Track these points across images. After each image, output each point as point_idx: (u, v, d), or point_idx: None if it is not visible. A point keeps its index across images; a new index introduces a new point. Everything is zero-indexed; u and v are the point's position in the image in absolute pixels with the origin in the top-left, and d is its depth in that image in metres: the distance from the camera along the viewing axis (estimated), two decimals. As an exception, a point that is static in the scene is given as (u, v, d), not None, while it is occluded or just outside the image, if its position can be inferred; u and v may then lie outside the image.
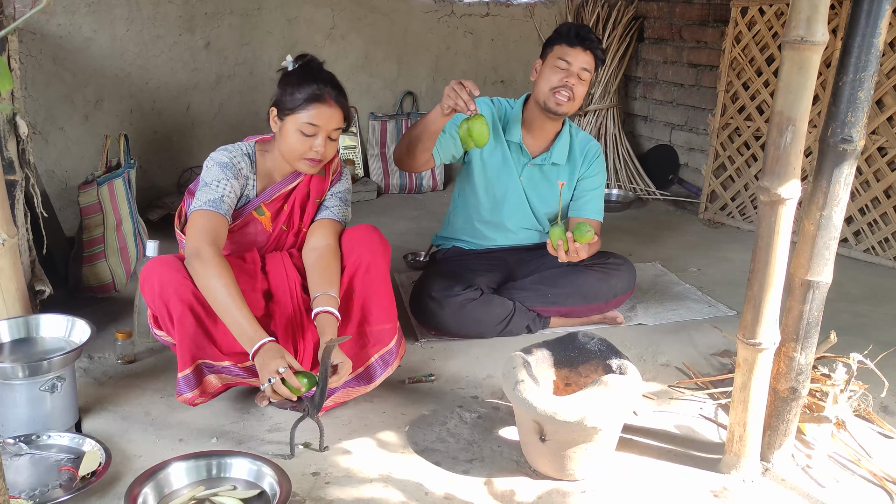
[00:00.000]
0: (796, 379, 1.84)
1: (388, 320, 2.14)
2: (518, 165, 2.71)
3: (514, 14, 4.76)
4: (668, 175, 4.72)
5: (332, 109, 2.04)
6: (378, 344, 2.13)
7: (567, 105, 2.56)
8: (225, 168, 2.07)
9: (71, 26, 3.61)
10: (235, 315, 1.88)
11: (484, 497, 1.79)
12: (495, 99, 2.72)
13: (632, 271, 2.73)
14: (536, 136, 2.70)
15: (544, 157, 2.70)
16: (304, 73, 2.06)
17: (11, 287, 2.17)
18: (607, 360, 1.94)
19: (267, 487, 1.75)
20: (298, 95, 2.02)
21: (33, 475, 1.77)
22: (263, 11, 4.14)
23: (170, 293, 1.92)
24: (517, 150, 2.69)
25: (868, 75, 1.63)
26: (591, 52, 2.54)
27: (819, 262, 1.75)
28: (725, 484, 1.85)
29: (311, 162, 2.07)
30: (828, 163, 1.70)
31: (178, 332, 1.94)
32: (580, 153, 2.74)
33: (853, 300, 3.03)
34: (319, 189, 2.23)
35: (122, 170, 2.94)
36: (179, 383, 1.97)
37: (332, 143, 2.10)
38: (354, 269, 2.12)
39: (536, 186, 2.74)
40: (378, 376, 2.15)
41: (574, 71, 2.53)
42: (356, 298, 2.12)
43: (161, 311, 1.96)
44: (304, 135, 2.03)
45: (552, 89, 2.55)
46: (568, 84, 2.53)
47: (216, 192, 2.03)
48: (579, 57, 2.53)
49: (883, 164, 3.43)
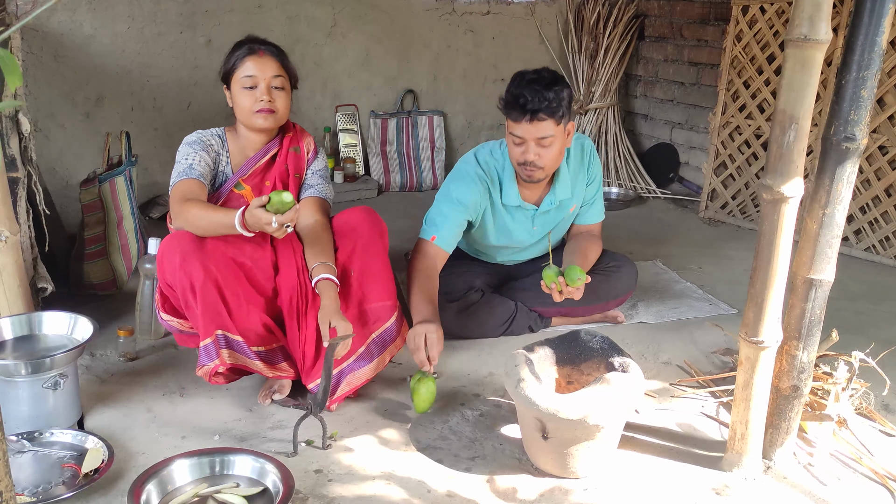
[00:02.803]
0: (798, 377, 1.84)
1: (388, 297, 2.18)
2: (527, 220, 2.61)
3: (514, 12, 4.75)
4: (669, 173, 4.73)
5: (263, 58, 2.16)
6: (378, 321, 2.16)
7: (540, 172, 2.39)
8: (192, 144, 2.18)
9: (72, 23, 3.61)
10: (214, 216, 1.97)
11: (486, 494, 1.79)
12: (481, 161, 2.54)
13: (633, 271, 2.73)
14: (532, 190, 2.55)
15: (550, 202, 2.57)
16: (236, 43, 2.22)
17: (14, 284, 2.17)
18: (609, 358, 1.94)
19: (270, 485, 1.75)
20: (231, 58, 2.19)
21: (36, 472, 1.77)
22: (264, 9, 4.13)
23: (193, 263, 1.95)
24: (520, 210, 2.58)
25: (871, 73, 1.63)
26: (542, 118, 2.28)
27: (821, 260, 1.75)
28: (727, 482, 1.85)
29: (264, 113, 2.15)
30: (830, 161, 1.70)
31: (200, 302, 1.96)
32: (579, 164, 2.62)
33: (854, 298, 3.04)
34: (297, 165, 2.29)
35: (124, 167, 2.94)
36: (200, 353, 2.00)
37: (281, 94, 2.18)
38: (352, 248, 2.17)
39: (549, 224, 2.65)
40: (378, 356, 2.15)
41: (530, 144, 2.33)
42: (355, 277, 2.16)
43: (182, 282, 1.97)
44: (246, 89, 2.15)
45: (518, 164, 2.41)
46: (528, 161, 2.36)
47: (185, 163, 2.14)
48: (529, 130, 2.30)
49: (884, 162, 3.43)
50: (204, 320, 1.97)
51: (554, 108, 2.28)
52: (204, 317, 1.97)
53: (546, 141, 2.33)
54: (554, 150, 2.36)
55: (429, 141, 4.68)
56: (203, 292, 1.96)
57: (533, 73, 2.32)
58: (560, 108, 2.30)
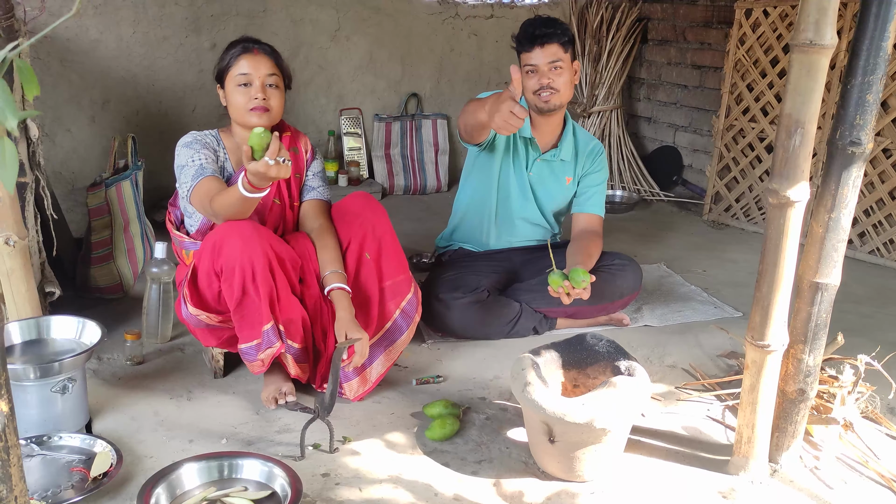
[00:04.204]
0: (804, 380, 1.85)
1: (403, 271, 2.27)
2: (528, 160, 2.75)
3: (518, 15, 4.76)
4: (672, 176, 4.73)
5: (258, 57, 2.17)
6: (398, 296, 2.25)
7: (555, 98, 2.58)
8: (191, 145, 2.19)
9: (78, 28, 3.63)
10: (229, 197, 1.96)
11: (493, 498, 1.79)
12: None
13: (637, 271, 2.74)
14: (542, 132, 2.73)
15: (553, 153, 2.74)
16: (230, 43, 2.24)
17: (22, 288, 2.18)
18: (615, 361, 1.95)
19: (278, 488, 1.75)
20: (225, 57, 2.20)
21: (45, 476, 1.77)
22: (269, 13, 4.15)
23: (254, 248, 1.97)
24: (528, 145, 2.73)
25: (877, 78, 1.63)
26: (551, 43, 2.53)
27: (827, 263, 1.76)
28: (733, 485, 1.85)
29: (258, 111, 2.15)
30: (836, 165, 1.71)
31: (262, 286, 1.98)
32: (583, 151, 2.79)
33: (859, 301, 3.04)
34: (297, 166, 2.33)
35: (130, 171, 2.95)
36: (264, 336, 2.01)
37: (275, 92, 2.19)
38: (363, 234, 2.23)
39: (544, 182, 2.78)
40: (403, 332, 2.25)
41: (543, 70, 2.55)
42: (373, 259, 2.22)
43: (245, 267, 1.96)
44: (240, 86, 2.16)
45: (534, 93, 2.59)
46: (543, 84, 2.56)
47: (194, 165, 2.14)
48: (540, 56, 2.54)
49: (888, 165, 3.43)
50: (264, 307, 1.99)
51: (559, 34, 2.53)
52: (264, 302, 1.99)
53: (557, 64, 2.54)
54: (565, 76, 2.57)
55: (433, 144, 4.69)
56: (264, 277, 1.98)
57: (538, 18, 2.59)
58: (566, 35, 2.55)
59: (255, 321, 2.01)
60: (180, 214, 2.34)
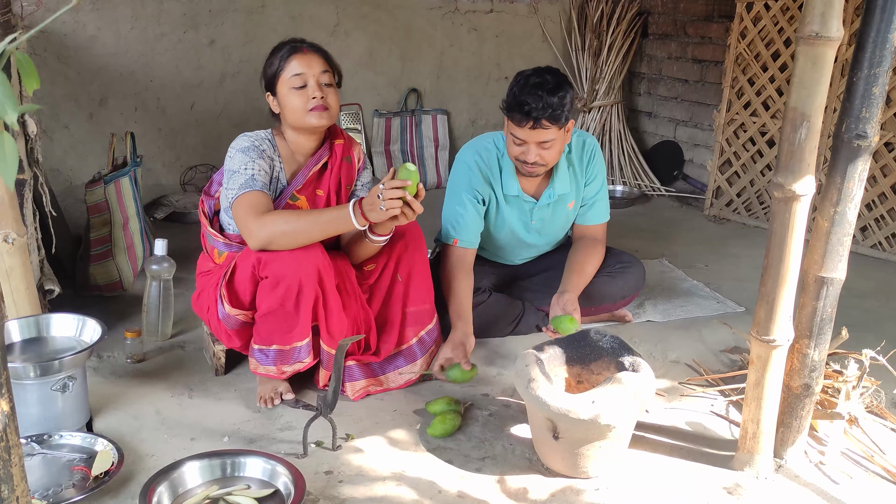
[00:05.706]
0: (809, 375, 1.83)
1: (428, 301, 2.27)
2: (527, 213, 2.56)
3: (517, 10, 4.75)
4: (673, 171, 4.72)
5: (308, 55, 2.10)
6: (418, 324, 2.24)
7: (541, 169, 2.38)
8: (248, 151, 2.09)
9: (75, 24, 3.61)
10: (317, 216, 1.98)
11: (497, 495, 1.78)
12: (481, 148, 2.50)
13: (641, 272, 2.70)
14: (532, 182, 2.51)
15: (549, 195, 2.52)
16: (275, 47, 2.17)
17: (21, 286, 2.17)
18: (620, 357, 1.94)
19: (281, 487, 1.74)
20: (275, 61, 2.12)
21: (46, 475, 1.76)
22: (267, 9, 4.13)
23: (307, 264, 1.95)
24: (519, 201, 2.54)
25: (882, 71, 1.62)
26: (546, 125, 2.25)
27: (833, 258, 1.75)
28: (739, 481, 1.85)
29: (318, 111, 2.08)
30: (842, 159, 1.69)
31: (305, 298, 1.97)
32: (579, 161, 2.57)
33: (862, 296, 3.03)
34: (349, 176, 2.26)
35: (129, 168, 2.93)
36: (294, 351, 2.03)
37: (330, 91, 2.12)
38: (398, 254, 2.20)
39: (549, 221, 2.61)
40: (420, 356, 2.26)
41: (531, 146, 2.32)
42: (402, 282, 2.22)
43: (291, 283, 1.94)
44: (296, 89, 2.07)
45: (517, 160, 2.39)
46: (528, 161, 2.34)
47: (246, 174, 2.05)
48: (531, 135, 2.28)
49: (890, 159, 3.42)
50: (303, 320, 2.00)
51: (557, 115, 2.25)
52: (305, 315, 1.99)
53: (547, 144, 2.32)
54: (554, 150, 2.36)
55: (433, 140, 4.67)
56: (309, 296, 1.97)
57: (536, 77, 2.26)
58: (563, 114, 2.27)
59: (284, 331, 2.01)
60: (215, 205, 2.27)
